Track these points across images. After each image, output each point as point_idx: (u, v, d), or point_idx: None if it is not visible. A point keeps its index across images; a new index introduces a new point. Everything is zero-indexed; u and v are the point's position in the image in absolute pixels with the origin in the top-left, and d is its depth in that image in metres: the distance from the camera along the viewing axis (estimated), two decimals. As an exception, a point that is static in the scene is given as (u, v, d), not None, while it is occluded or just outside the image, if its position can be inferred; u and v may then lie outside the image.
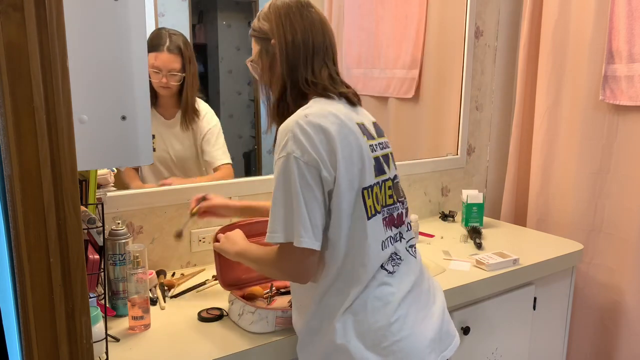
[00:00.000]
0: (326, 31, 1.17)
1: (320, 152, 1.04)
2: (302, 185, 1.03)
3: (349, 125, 1.10)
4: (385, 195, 1.16)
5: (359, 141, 1.11)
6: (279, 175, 1.05)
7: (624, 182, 1.99)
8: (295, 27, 1.13)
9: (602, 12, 1.97)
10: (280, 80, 1.16)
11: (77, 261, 0.69)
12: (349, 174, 1.07)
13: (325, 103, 1.12)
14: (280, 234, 1.05)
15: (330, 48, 1.18)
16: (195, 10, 1.86)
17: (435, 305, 1.20)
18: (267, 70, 1.19)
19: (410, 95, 2.27)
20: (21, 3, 0.61)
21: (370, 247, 1.10)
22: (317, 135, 1.04)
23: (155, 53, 1.62)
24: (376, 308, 1.09)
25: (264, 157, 2.06)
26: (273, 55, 1.16)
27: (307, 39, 1.14)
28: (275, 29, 1.14)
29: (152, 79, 1.63)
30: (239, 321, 1.27)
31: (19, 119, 0.63)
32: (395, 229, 1.18)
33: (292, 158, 1.03)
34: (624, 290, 2.00)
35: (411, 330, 1.10)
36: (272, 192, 1.06)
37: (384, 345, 1.07)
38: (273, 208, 1.06)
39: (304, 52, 1.14)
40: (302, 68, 1.14)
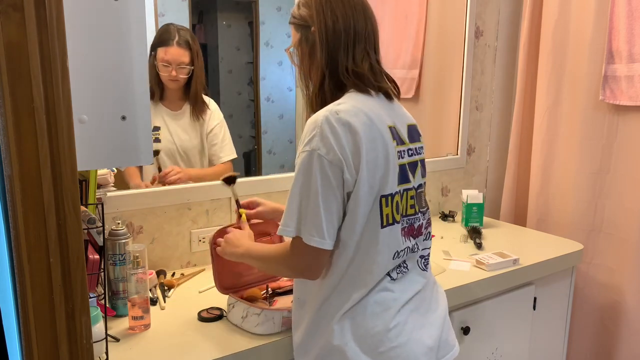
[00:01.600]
0: (368, 17, 1.13)
1: (346, 152, 1.02)
2: (323, 184, 1.01)
3: (379, 127, 1.07)
4: (407, 205, 1.13)
5: (387, 146, 1.07)
6: (300, 170, 1.03)
7: (624, 182, 1.99)
8: (336, 13, 1.10)
9: (602, 12, 1.97)
10: (320, 69, 1.12)
11: (77, 261, 0.69)
12: (370, 179, 1.04)
13: (359, 100, 1.09)
14: (292, 228, 1.04)
15: (373, 35, 1.14)
16: (195, 10, 1.86)
17: (437, 314, 1.18)
18: (307, 59, 1.15)
19: (410, 95, 2.27)
20: (21, 3, 0.61)
21: (380, 254, 1.08)
22: (345, 135, 1.02)
23: (165, 47, 1.66)
24: (375, 313, 1.08)
25: (264, 157, 2.06)
26: (313, 43, 1.12)
27: (348, 25, 1.10)
28: (315, 16, 1.11)
29: (162, 73, 1.68)
30: (243, 324, 1.26)
31: (19, 119, 0.63)
32: (413, 239, 1.15)
33: (315, 155, 1.01)
34: (624, 290, 2.00)
35: (409, 337, 1.09)
36: (292, 185, 1.05)
37: (380, 350, 1.06)
38: (289, 201, 1.05)
39: (345, 39, 1.10)
40: (343, 56, 1.10)
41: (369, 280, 1.08)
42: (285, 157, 2.10)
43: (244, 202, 1.40)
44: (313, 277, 1.09)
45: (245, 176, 1.87)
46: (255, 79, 2.03)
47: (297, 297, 1.18)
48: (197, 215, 1.67)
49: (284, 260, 1.10)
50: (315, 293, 1.11)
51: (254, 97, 2.05)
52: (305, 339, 1.14)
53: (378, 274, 1.09)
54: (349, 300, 1.08)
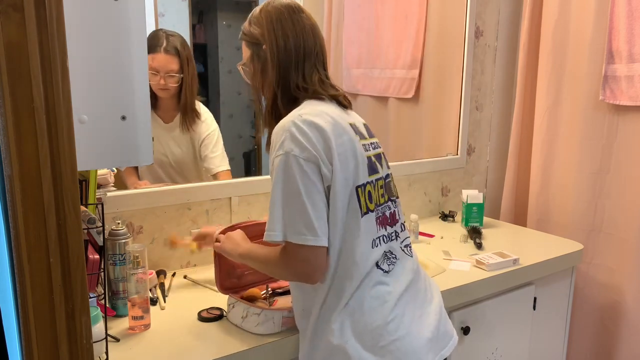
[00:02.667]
0: (317, 36, 1.18)
1: (318, 149, 1.05)
2: (304, 182, 1.03)
3: (341, 124, 1.12)
4: (378, 194, 1.16)
5: (352, 140, 1.12)
6: (278, 174, 1.05)
7: (624, 182, 1.99)
8: (287, 33, 1.14)
9: (602, 12, 1.97)
10: (272, 85, 1.16)
11: (77, 261, 0.69)
12: (344, 171, 1.08)
13: (317, 104, 1.14)
14: (279, 232, 1.04)
15: (321, 53, 1.19)
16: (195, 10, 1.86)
17: (432, 304, 1.20)
18: (259, 75, 1.19)
19: (410, 95, 2.27)
20: (21, 3, 0.61)
21: (361, 243, 1.10)
22: (314, 133, 1.05)
23: (152, 54, 1.60)
24: (373, 307, 1.09)
25: (263, 157, 2.06)
26: (265, 60, 1.16)
27: (298, 44, 1.15)
28: (267, 34, 1.15)
29: (150, 81, 1.59)
30: (243, 324, 1.26)
31: (19, 119, 0.63)
32: (390, 227, 1.18)
33: (291, 156, 1.04)
34: (624, 290, 2.00)
35: (408, 330, 1.10)
36: (271, 191, 1.06)
37: (381, 344, 1.07)
38: (272, 206, 1.06)
39: (295, 57, 1.14)
40: (294, 73, 1.15)
41: (356, 273, 1.09)
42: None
43: None
44: (314, 279, 1.09)
45: (245, 176, 1.87)
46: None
47: (301, 309, 1.17)
48: (197, 215, 1.67)
49: (281, 264, 1.10)
50: (315, 298, 1.12)
51: (254, 97, 2.04)
52: (310, 344, 1.14)
53: (363, 265, 1.10)
54: (342, 296, 1.09)
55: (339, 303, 1.09)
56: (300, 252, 1.04)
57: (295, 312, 1.20)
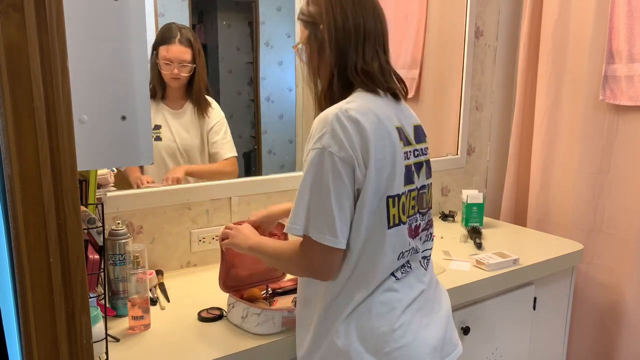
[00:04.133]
0: (378, 16, 1.12)
1: (357, 150, 1.01)
2: (335, 181, 1.00)
3: (387, 127, 1.06)
4: (409, 206, 1.12)
5: (394, 146, 1.07)
6: (310, 167, 1.01)
7: (624, 182, 1.99)
8: (346, 11, 1.08)
9: (602, 12, 1.97)
10: (329, 67, 1.10)
11: (77, 261, 0.69)
12: (378, 178, 1.03)
13: (368, 99, 1.08)
14: (300, 226, 1.02)
15: (382, 34, 1.13)
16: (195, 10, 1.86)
17: (440, 313, 1.18)
18: (316, 56, 1.13)
19: (410, 95, 2.23)
20: (21, 3, 0.61)
21: (386, 255, 1.07)
22: (355, 133, 1.01)
23: (167, 45, 1.67)
24: (380, 313, 1.07)
25: (264, 157, 2.06)
26: (322, 41, 1.11)
27: (358, 24, 1.08)
28: (324, 13, 1.09)
29: (164, 71, 1.69)
30: (243, 324, 1.26)
31: (19, 119, 0.63)
32: (414, 240, 1.15)
33: (327, 152, 1.00)
34: (624, 290, 2.00)
35: (414, 337, 1.08)
36: (300, 183, 1.03)
37: (385, 350, 1.06)
38: (298, 199, 1.03)
39: (354, 38, 1.08)
40: (353, 54, 1.09)
41: (373, 281, 1.08)
42: (285, 157, 2.10)
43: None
44: (325, 278, 1.07)
45: (245, 176, 1.87)
46: (255, 79, 2.03)
47: (302, 296, 1.16)
48: (197, 215, 1.67)
49: (296, 259, 1.08)
50: (322, 293, 1.10)
51: (254, 97, 2.05)
52: (312, 341, 1.12)
53: (382, 275, 1.08)
54: (352, 301, 1.07)
55: (349, 306, 1.07)
56: (317, 250, 1.02)
57: (297, 299, 1.19)
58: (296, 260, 1.08)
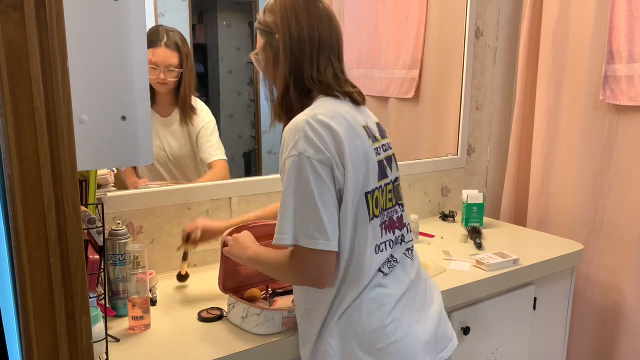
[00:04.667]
0: (333, 27, 1.14)
1: (332, 152, 1.02)
2: (317, 184, 1.00)
3: (355, 128, 1.09)
4: (385, 199, 1.14)
5: (365, 145, 1.09)
6: (290, 175, 1.02)
7: (624, 182, 1.99)
8: (300, 22, 1.10)
9: (602, 12, 1.97)
10: (284, 76, 1.12)
11: (77, 261, 0.69)
12: (355, 177, 1.05)
13: (332, 103, 1.10)
14: (289, 235, 1.02)
15: (337, 44, 1.15)
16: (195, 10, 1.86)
17: (432, 307, 1.19)
18: (271, 65, 1.15)
19: (410, 95, 2.27)
20: (21, 3, 0.61)
21: (368, 249, 1.08)
22: (328, 135, 1.02)
23: (153, 49, 1.62)
24: (371, 310, 1.08)
25: (263, 157, 2.06)
26: (277, 50, 1.12)
27: (313, 34, 1.10)
28: (280, 23, 1.11)
29: (149, 75, 1.62)
30: (243, 324, 1.26)
31: (19, 119, 0.63)
32: (398, 231, 1.16)
33: (304, 157, 1.00)
34: (624, 290, 2.00)
35: (406, 332, 1.09)
36: (282, 193, 1.03)
37: (378, 346, 1.07)
38: (282, 208, 1.03)
39: (309, 48, 1.10)
40: (307, 64, 1.11)
41: (362, 279, 1.08)
42: (285, 157, 2.10)
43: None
44: (322, 284, 1.07)
45: (245, 176, 1.87)
46: (255, 79, 2.03)
47: (303, 309, 1.16)
48: (197, 215, 1.67)
49: (289, 268, 1.08)
50: (320, 301, 1.10)
51: (254, 97, 2.05)
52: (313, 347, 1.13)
53: (369, 272, 1.09)
54: (344, 300, 1.08)
55: (341, 306, 1.08)
56: (310, 256, 1.02)
57: (297, 312, 1.19)
58: (291, 269, 1.07)
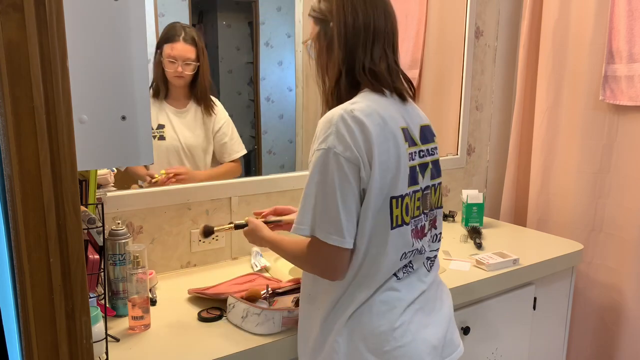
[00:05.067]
0: (388, 16, 1.12)
1: (362, 150, 1.01)
2: (341, 182, 1.00)
3: (392, 128, 1.06)
4: (414, 207, 1.12)
5: (399, 148, 1.07)
6: (316, 168, 1.02)
7: (624, 182, 1.99)
8: (357, 10, 1.08)
9: (602, 12, 1.97)
10: (337, 65, 1.10)
11: (77, 261, 0.69)
12: (381, 179, 1.04)
13: (373, 99, 1.08)
14: (307, 227, 1.03)
15: (392, 34, 1.13)
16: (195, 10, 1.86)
17: (442, 312, 1.18)
18: (324, 53, 1.13)
19: (411, 96, 2.26)
20: (21, 3, 0.61)
21: (389, 255, 1.07)
22: (360, 134, 1.01)
23: (171, 44, 1.68)
24: (381, 312, 1.08)
25: (263, 157, 2.06)
26: (331, 38, 1.10)
27: (368, 23, 1.08)
28: (335, 11, 1.09)
29: (168, 69, 1.69)
30: (243, 324, 1.26)
31: (19, 119, 0.63)
32: (420, 241, 1.15)
33: (332, 153, 1.00)
34: (624, 290, 2.00)
35: (414, 337, 1.08)
36: (306, 184, 1.04)
37: (385, 349, 1.06)
38: (304, 199, 1.03)
39: (364, 36, 1.08)
40: (361, 53, 1.09)
41: (375, 281, 1.08)
42: (285, 157, 2.10)
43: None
44: (334, 277, 1.07)
45: (245, 176, 1.87)
46: (255, 79, 2.03)
47: (307, 293, 1.16)
48: (197, 215, 1.67)
49: (305, 257, 1.09)
50: (328, 292, 1.10)
51: (254, 97, 2.04)
52: (316, 340, 1.12)
53: (385, 275, 1.08)
54: (355, 300, 1.08)
55: (352, 305, 1.08)
56: (324, 250, 1.03)
57: (301, 296, 1.19)
58: (305, 258, 1.10)
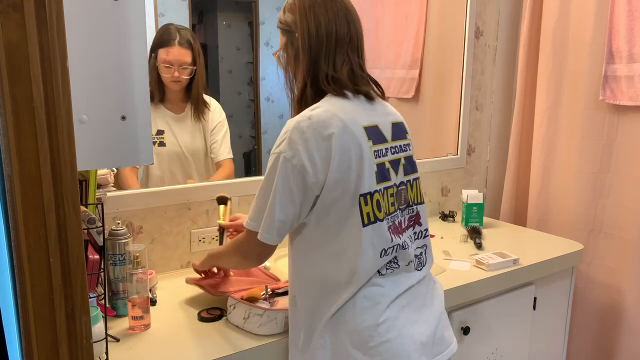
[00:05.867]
0: (351, 21, 1.14)
1: (313, 158, 1.04)
2: (282, 186, 1.06)
3: (352, 129, 1.08)
4: (388, 203, 1.13)
5: (361, 147, 1.08)
6: (267, 170, 1.09)
7: (624, 182, 1.99)
8: (319, 19, 1.11)
9: (602, 12, 1.97)
10: (303, 74, 1.14)
11: (77, 261, 0.69)
12: (343, 181, 1.06)
13: (334, 103, 1.10)
14: (255, 223, 1.11)
15: (356, 38, 1.15)
16: (195, 10, 1.86)
17: (431, 309, 1.18)
18: (292, 63, 1.17)
19: (410, 95, 2.27)
20: (21, 3, 0.61)
21: (366, 253, 1.08)
22: (315, 139, 1.04)
23: (167, 48, 1.64)
24: (365, 308, 1.09)
25: (263, 157, 2.06)
26: (297, 48, 1.14)
27: (330, 30, 1.11)
28: (299, 22, 1.12)
29: (164, 74, 1.65)
30: (245, 325, 1.26)
31: (19, 119, 0.63)
32: (401, 236, 1.15)
33: (281, 157, 1.06)
34: (624, 290, 2.00)
35: (400, 332, 1.09)
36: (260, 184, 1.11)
37: (370, 345, 1.07)
38: (256, 199, 1.12)
39: (326, 45, 1.11)
40: (324, 62, 1.12)
41: (356, 280, 1.09)
42: (285, 157, 2.10)
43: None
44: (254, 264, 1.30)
45: (245, 176, 1.87)
46: (255, 79, 2.03)
47: (292, 295, 1.19)
48: (197, 215, 1.67)
49: (238, 249, 1.22)
50: (306, 293, 1.14)
51: (254, 97, 2.04)
52: (304, 339, 1.14)
53: (366, 273, 1.09)
54: (339, 299, 1.09)
55: (335, 304, 1.09)
56: (256, 242, 1.11)
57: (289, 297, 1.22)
58: (238, 249, 1.22)
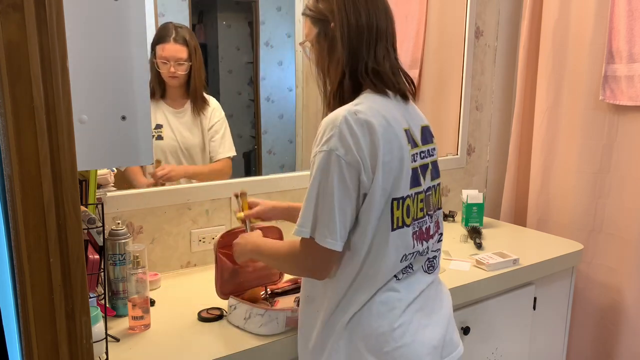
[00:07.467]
0: (389, 16, 1.12)
1: (364, 154, 1.00)
2: (339, 185, 1.00)
3: (395, 130, 1.05)
4: (417, 208, 1.11)
5: (402, 149, 1.06)
6: (317, 171, 1.02)
7: (624, 182, 1.99)
8: (359, 9, 1.07)
9: (602, 12, 1.97)
10: (340, 66, 1.09)
11: (77, 261, 0.69)
12: (385, 181, 1.03)
13: (376, 101, 1.07)
14: (308, 229, 1.03)
15: (392, 34, 1.12)
16: (195, 10, 1.86)
17: (441, 313, 1.18)
18: (325, 55, 1.11)
19: (410, 95, 2.26)
20: (21, 3, 0.61)
21: (389, 257, 1.07)
22: (363, 136, 1.00)
23: (162, 44, 1.70)
24: (381, 313, 1.08)
25: (263, 157, 2.06)
26: (333, 39, 1.09)
27: (371, 22, 1.07)
28: (336, 11, 1.07)
29: (161, 70, 1.71)
30: (246, 325, 1.26)
31: (19, 119, 0.63)
32: (425, 243, 1.14)
33: (334, 155, 1.00)
34: (624, 290, 2.00)
35: (413, 337, 1.08)
36: (309, 185, 1.03)
37: (385, 350, 1.06)
38: (306, 202, 1.04)
39: (367, 36, 1.07)
40: (365, 54, 1.07)
41: (376, 283, 1.08)
42: (285, 157, 2.10)
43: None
44: (321, 277, 1.09)
45: (245, 176, 1.87)
46: (255, 79, 2.03)
47: (305, 295, 1.17)
48: (197, 215, 1.67)
49: (294, 259, 1.10)
50: (327, 294, 1.10)
51: (254, 97, 2.04)
52: (317, 341, 1.12)
53: (385, 277, 1.08)
54: (355, 302, 1.08)
55: (352, 307, 1.08)
56: (320, 251, 1.03)
57: (300, 297, 1.19)
58: (295, 260, 1.10)
